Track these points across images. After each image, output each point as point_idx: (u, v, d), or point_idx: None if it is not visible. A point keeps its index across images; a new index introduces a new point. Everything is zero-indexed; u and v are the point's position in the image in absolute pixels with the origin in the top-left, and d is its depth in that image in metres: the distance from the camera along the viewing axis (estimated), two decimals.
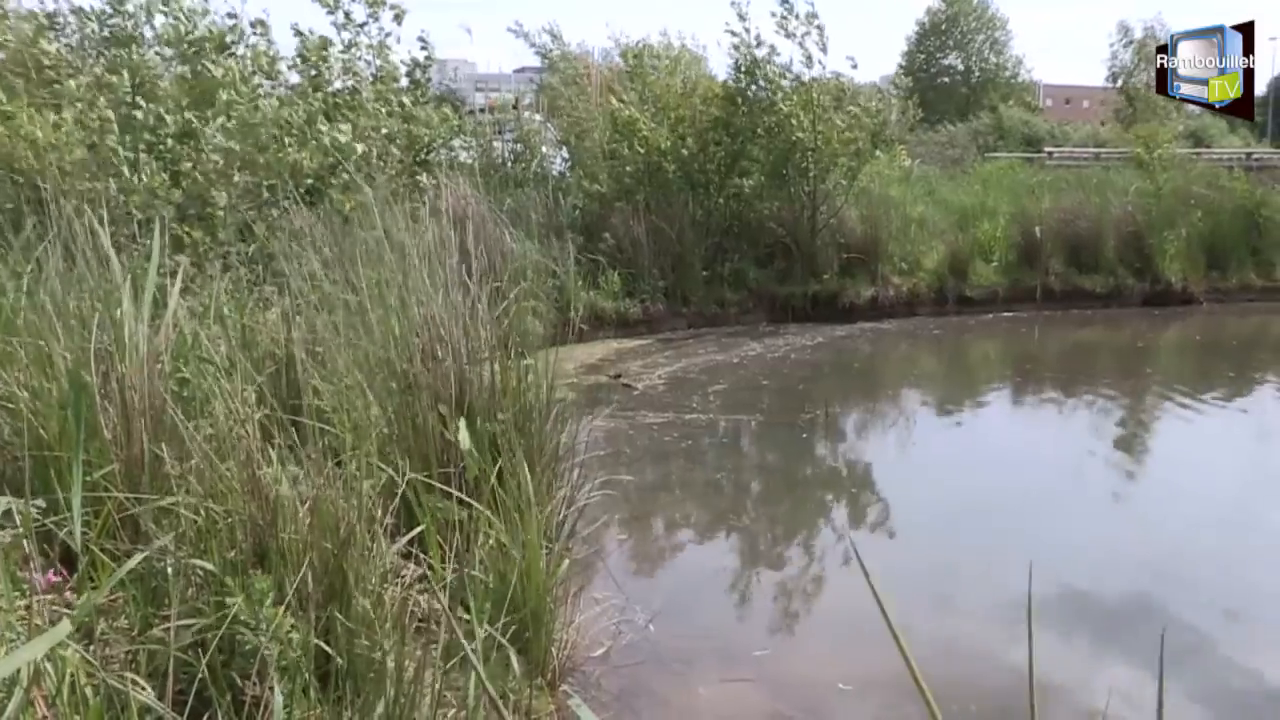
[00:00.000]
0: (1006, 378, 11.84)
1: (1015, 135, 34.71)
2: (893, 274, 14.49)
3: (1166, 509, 7.04)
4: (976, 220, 15.79)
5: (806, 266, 14.01)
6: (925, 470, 8.04)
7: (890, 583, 5.55)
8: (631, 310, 12.69)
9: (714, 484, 7.39)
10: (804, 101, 13.52)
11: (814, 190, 14.07)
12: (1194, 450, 8.67)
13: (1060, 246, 15.47)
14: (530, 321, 10.01)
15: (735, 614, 5.19)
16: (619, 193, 13.77)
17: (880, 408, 10.28)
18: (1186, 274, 15.90)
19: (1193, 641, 4.77)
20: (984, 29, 59.47)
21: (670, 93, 14.26)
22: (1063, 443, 8.84)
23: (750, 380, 10.36)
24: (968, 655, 4.62)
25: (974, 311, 14.58)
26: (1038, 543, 6.15)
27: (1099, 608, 5.20)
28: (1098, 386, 11.12)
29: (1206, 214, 16.34)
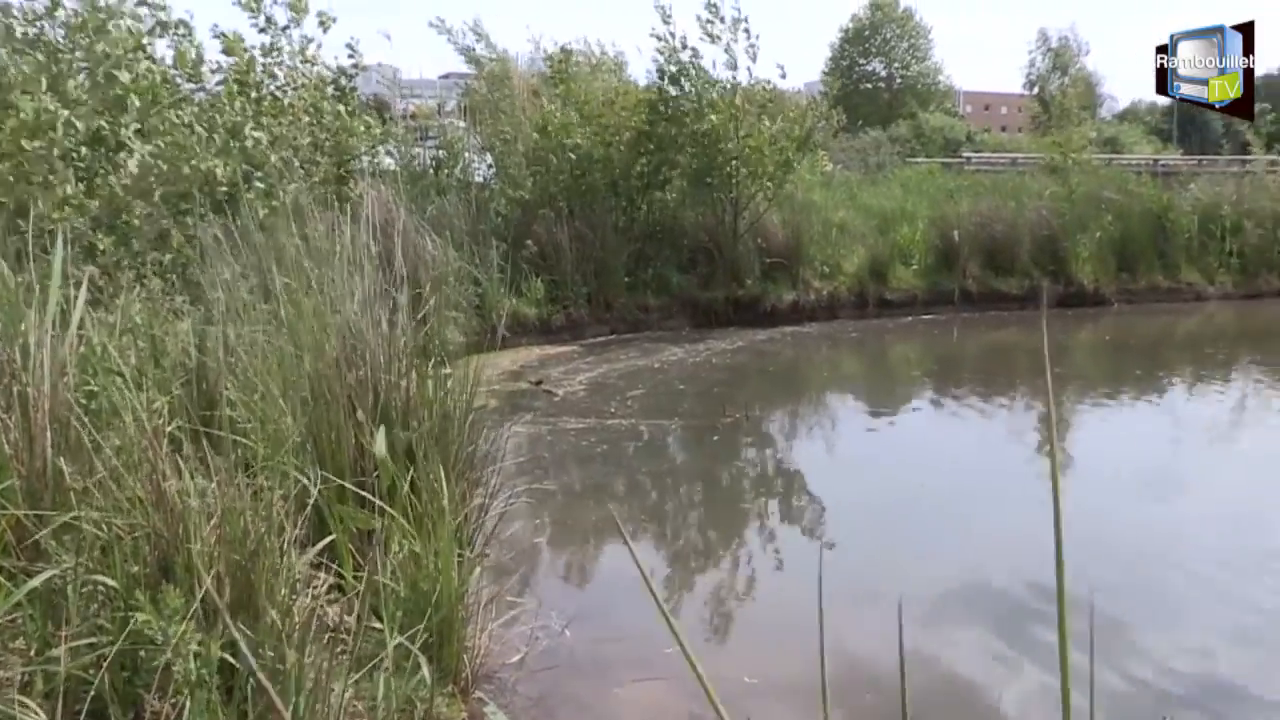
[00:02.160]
0: (927, 379, 12.05)
1: (936, 141, 35.28)
2: (814, 278, 14.69)
3: (1086, 503, 7.23)
4: (896, 225, 16.08)
5: (729, 271, 14.15)
6: (847, 470, 8.20)
7: (811, 581, 5.65)
8: (554, 316, 12.73)
9: (632, 488, 7.45)
10: (730, 111, 13.65)
11: (736, 196, 14.21)
12: (1110, 445, 8.91)
13: (977, 250, 15.80)
14: (451, 329, 10.07)
15: (651, 615, 5.24)
16: (543, 199, 13.77)
17: (801, 410, 10.41)
18: (1098, 276, 16.35)
19: (1110, 633, 4.91)
20: (906, 37, 60.35)
21: (594, 99, 14.31)
22: (983, 441, 9.06)
23: (671, 385, 10.44)
24: (883, 649, 4.70)
25: (894, 314, 14.84)
26: (962, 539, 6.31)
27: (1023, 601, 5.31)
28: (1016, 386, 11.40)
29: (1117, 218, 16.81)
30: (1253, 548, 6.10)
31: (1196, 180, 19.34)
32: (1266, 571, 5.69)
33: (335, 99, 11.35)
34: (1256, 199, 18.10)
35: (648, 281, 13.81)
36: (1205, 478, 7.84)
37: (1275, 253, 17.68)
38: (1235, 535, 6.38)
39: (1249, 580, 5.58)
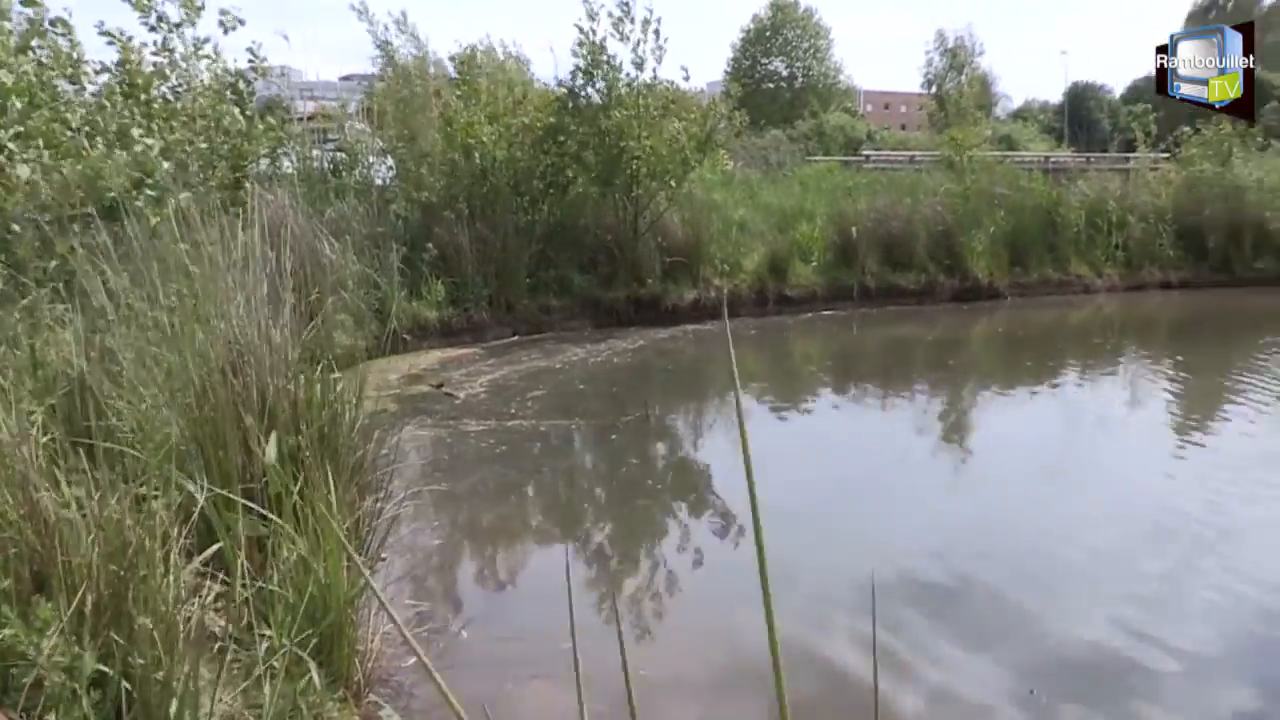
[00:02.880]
0: (828, 374, 12.25)
1: (837, 139, 35.80)
2: (714, 276, 14.83)
3: (983, 490, 7.48)
4: (795, 222, 16.32)
5: (630, 271, 14.23)
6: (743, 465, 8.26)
7: (717, 576, 5.75)
8: (455, 319, 12.67)
9: (529, 488, 7.46)
10: (635, 110, 13.73)
11: (637, 196, 14.30)
12: (1009, 433, 9.22)
13: (875, 246, 16.11)
14: (350, 333, 9.99)
15: (549, 613, 5.27)
16: (445, 201, 13.69)
17: (703, 407, 10.49)
18: (992, 270, 16.80)
19: (1012, 614, 5.06)
20: (807, 37, 61.09)
21: (499, 101, 14.27)
22: (885, 433, 9.25)
23: (572, 385, 10.48)
24: (786, 643, 4.77)
25: (793, 311, 15.06)
26: (869, 529, 6.44)
27: (929, 587, 5.44)
28: (915, 379, 11.67)
29: (1009, 213, 17.30)
30: (1140, 532, 6.32)
31: (1085, 177, 19.97)
32: (1153, 555, 5.88)
33: (234, 102, 11.18)
34: (1139, 195, 18.79)
35: (549, 282, 13.83)
36: (1095, 464, 8.08)
37: (1157, 246, 18.34)
38: (1123, 520, 6.59)
39: (1135, 563, 5.77)
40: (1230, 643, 4.73)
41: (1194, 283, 18.36)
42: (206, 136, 10.34)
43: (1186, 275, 18.44)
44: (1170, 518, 6.52)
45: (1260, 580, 5.38)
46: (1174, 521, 6.43)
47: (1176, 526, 6.33)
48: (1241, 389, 10.42)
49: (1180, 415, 9.86)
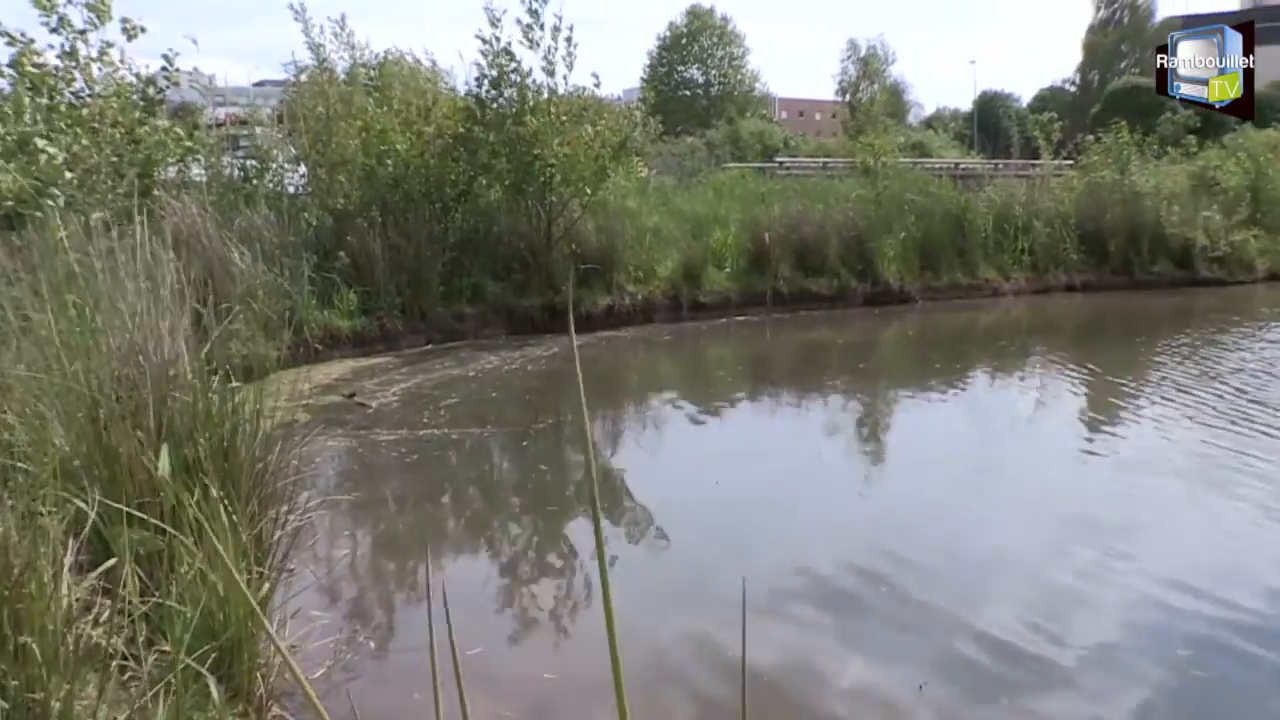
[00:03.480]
0: (743, 378, 12.36)
1: (752, 146, 36.11)
2: (628, 283, 14.88)
3: (899, 490, 7.59)
4: (709, 229, 16.43)
5: (544, 278, 14.21)
6: (662, 470, 8.32)
7: (632, 579, 5.75)
8: (368, 328, 12.54)
9: (441, 497, 7.42)
10: (547, 118, 13.72)
11: (551, 203, 14.30)
12: (920, 434, 9.37)
13: (788, 251, 16.29)
14: (261, 343, 9.83)
15: (459, 622, 5.24)
16: (358, 209, 13.55)
17: (617, 413, 10.51)
18: (903, 274, 17.07)
19: (923, 613, 5.12)
20: (723, 44, 61.57)
21: (411, 108, 14.18)
22: (800, 436, 9.32)
23: (485, 393, 10.44)
24: (701, 644, 4.82)
25: (707, 317, 15.17)
26: (784, 532, 6.48)
27: (842, 587, 5.47)
28: (829, 382, 11.81)
29: (920, 219, 17.61)
30: (1048, 531, 6.43)
31: (993, 183, 20.45)
32: (1061, 554, 5.97)
33: (144, 110, 10.97)
34: (1043, 200, 19.25)
35: (463, 290, 13.74)
36: (1005, 464, 8.26)
37: (1062, 250, 18.82)
38: (1032, 519, 6.72)
39: (1044, 561, 5.85)
40: (1133, 639, 4.82)
41: (1096, 285, 18.87)
42: (114, 144, 10.13)
43: (1089, 278, 18.96)
44: (1077, 516, 6.64)
45: (1165, 579, 5.46)
46: (1081, 520, 6.55)
47: (1084, 525, 6.44)
48: (1145, 388, 10.74)
49: (1087, 415, 10.09)
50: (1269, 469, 7.39)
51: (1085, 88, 58.83)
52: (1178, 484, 7.38)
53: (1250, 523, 6.40)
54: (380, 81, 14.75)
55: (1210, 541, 6.18)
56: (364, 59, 15.54)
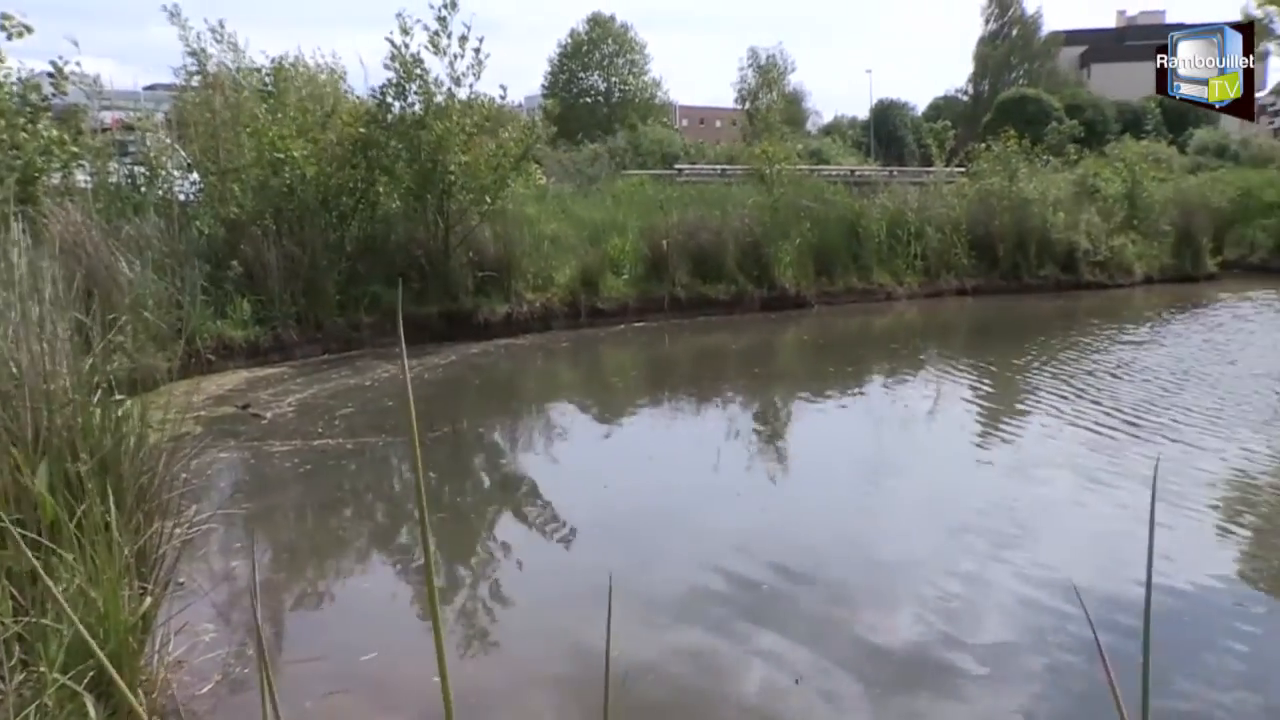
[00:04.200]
0: (642, 384, 12.44)
1: (653, 153, 36.30)
2: (526, 290, 14.89)
3: (798, 494, 7.71)
4: (607, 236, 16.52)
5: (441, 286, 14.14)
6: (561, 476, 8.33)
7: (531, 586, 5.78)
8: (263, 338, 12.35)
9: (332, 507, 7.35)
10: (451, 124, 13.67)
11: (449, 211, 14.25)
12: (819, 438, 9.54)
13: (686, 258, 16.45)
14: (151, 354, 9.65)
15: (351, 630, 5.24)
16: (251, 217, 13.33)
17: (512, 421, 10.53)
18: (799, 280, 17.36)
19: (825, 616, 5.22)
20: (624, 52, 61.79)
21: (309, 115, 14.01)
22: (699, 441, 9.35)
23: (381, 403, 10.36)
24: (596, 647, 4.86)
25: (606, 323, 15.24)
26: (686, 538, 6.53)
27: (745, 591, 5.54)
28: (727, 387, 11.95)
29: (815, 225, 17.90)
30: (945, 532, 6.55)
31: (888, 190, 20.89)
32: (958, 554, 6.10)
33: (28, 116, 10.67)
34: (935, 207, 19.74)
35: (360, 299, 13.59)
36: (902, 466, 8.40)
37: (953, 255, 19.32)
38: (929, 520, 6.84)
39: (941, 563, 5.95)
40: (1026, 638, 4.95)
41: (986, 289, 19.41)
42: None
43: (979, 282, 19.49)
44: (973, 517, 6.78)
45: (1057, 579, 5.60)
46: (977, 520, 6.68)
47: (980, 525, 6.58)
48: (1035, 389, 11.05)
49: (978, 417, 10.31)
50: (1148, 469, 7.64)
51: (977, 97, 60.44)
52: (1065, 485, 7.56)
53: (1135, 521, 6.54)
54: (275, 87, 14.50)
55: (1095, 540, 6.38)
56: (255, 63, 15.25)
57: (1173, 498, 6.85)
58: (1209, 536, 6.37)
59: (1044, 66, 61.84)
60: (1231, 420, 9.20)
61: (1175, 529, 6.34)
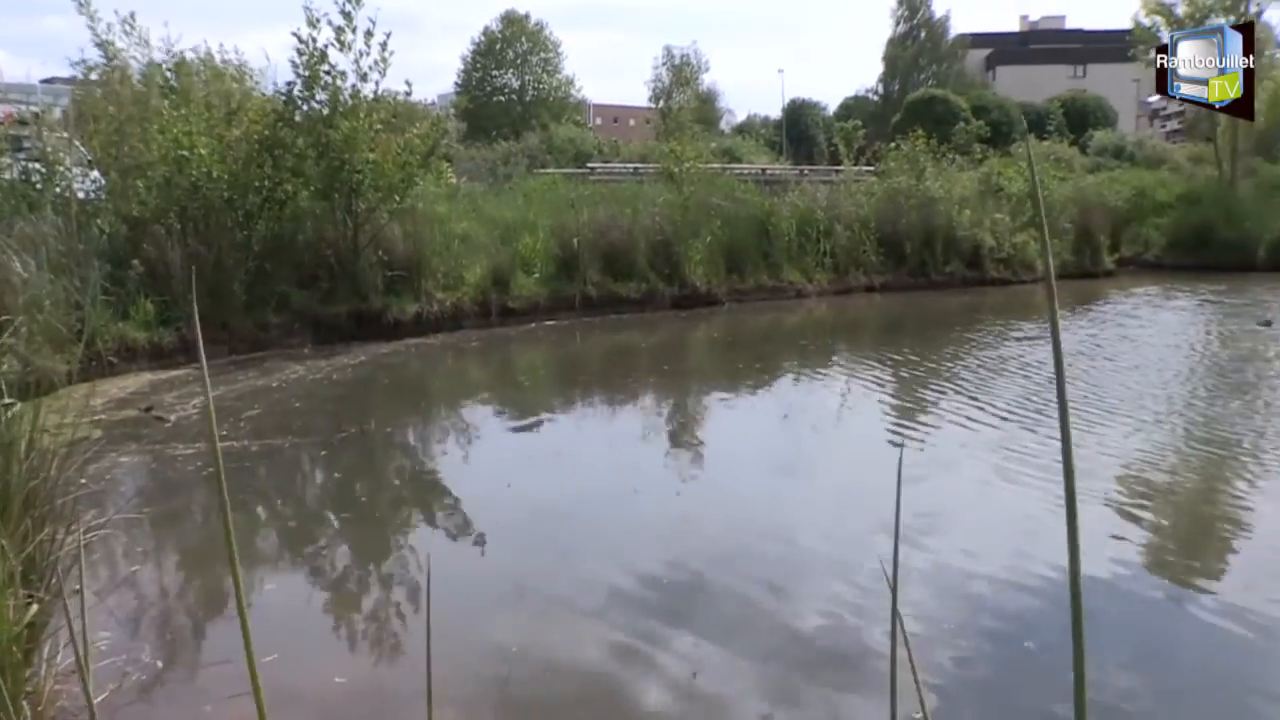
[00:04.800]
0: (553, 383, 12.48)
1: (566, 152, 36.28)
2: (437, 290, 14.81)
3: (713, 490, 7.72)
4: (518, 234, 16.52)
5: (350, 286, 14.02)
6: (473, 476, 8.30)
7: (445, 588, 5.73)
8: (167, 339, 12.13)
9: (236, 510, 7.26)
10: (358, 122, 13.55)
11: (358, 210, 14.12)
12: (732, 435, 9.62)
13: (597, 256, 16.51)
14: (48, 356, 9.44)
15: (256, 635, 5.17)
16: (155, 215, 13.05)
17: (422, 421, 10.48)
18: (710, 278, 17.51)
19: (744, 611, 5.23)
20: (538, 50, 61.57)
21: (214, 111, 13.77)
22: (613, 439, 9.42)
23: (288, 404, 10.25)
24: (515, 647, 4.87)
25: (517, 322, 15.24)
26: (603, 537, 6.53)
27: (664, 590, 5.54)
28: (638, 385, 12.02)
29: (726, 223, 18.08)
30: (860, 525, 6.62)
31: (799, 188, 21.18)
32: (874, 547, 6.11)
33: None
34: (844, 205, 20.05)
35: (267, 299, 13.41)
36: (815, 461, 8.52)
37: (861, 253, 19.66)
38: (843, 514, 6.91)
39: (857, 555, 6.02)
40: (942, 628, 5.00)
41: (894, 286, 19.79)
42: None
43: (888, 279, 19.86)
44: (887, 510, 6.74)
45: (971, 569, 5.73)
46: (890, 514, 6.68)
47: (892, 519, 6.62)
48: (944, 382, 11.29)
49: (888, 410, 10.51)
50: (1055, 460, 7.82)
51: (887, 97, 61.32)
52: (974, 475, 7.71)
53: (1043, 510, 6.67)
54: (179, 82, 14.23)
55: (1007, 528, 6.51)
56: (161, 58, 14.93)
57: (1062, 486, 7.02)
58: (1098, 526, 6.55)
59: (952, 68, 62.95)
60: (1113, 411, 9.45)
61: (1061, 517, 6.50)
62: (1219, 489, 7.37)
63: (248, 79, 16.38)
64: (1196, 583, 5.65)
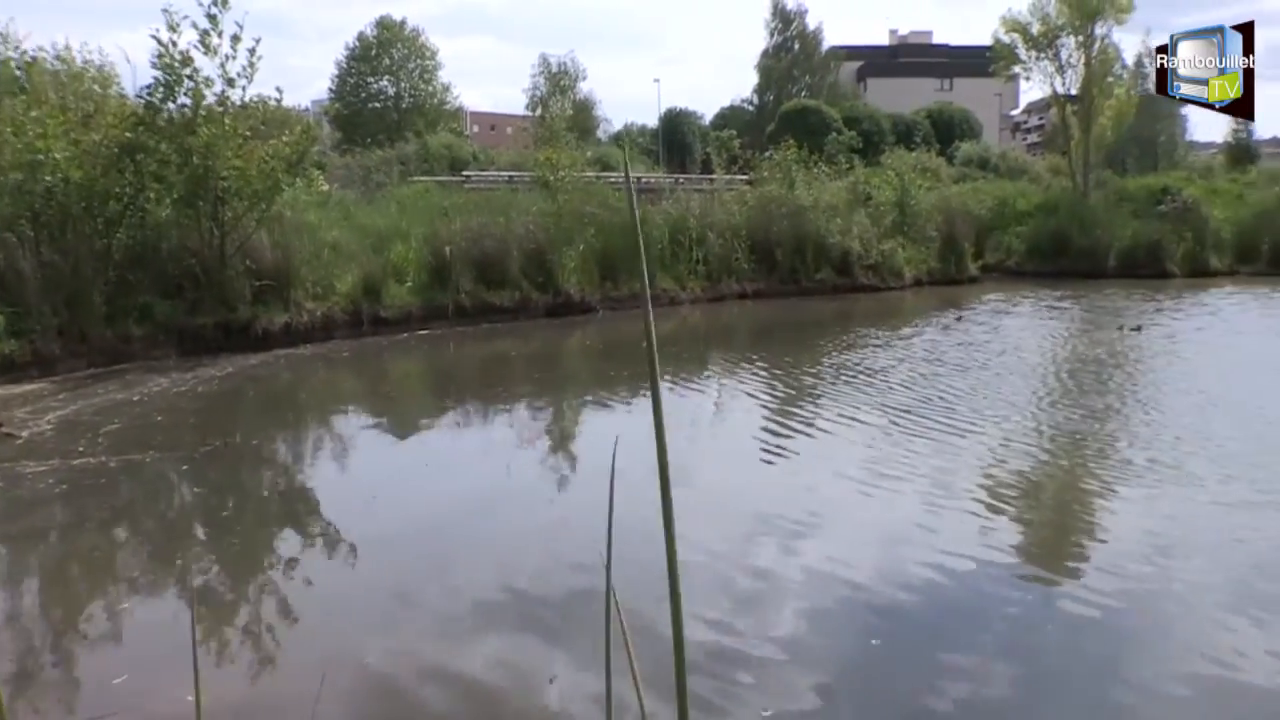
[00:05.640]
0: (426, 392, 12.38)
1: (441, 160, 35.95)
2: (307, 299, 14.57)
3: (590, 499, 7.62)
4: (390, 243, 16.35)
5: (217, 296, 13.71)
6: (346, 487, 8.19)
7: (322, 599, 5.65)
8: (18, 352, 11.68)
9: (86, 527, 7.03)
10: (223, 128, 13.26)
11: (224, 219, 13.82)
12: (608, 441, 9.46)
13: (470, 265, 16.45)
14: None
15: (108, 652, 5.06)
16: (4, 222, 12.52)
17: (289, 433, 10.29)
18: (584, 285, 17.58)
19: (632, 619, 5.26)
20: (414, 57, 60.82)
21: (70, 114, 13.32)
22: (489, 448, 9.34)
23: (149, 417, 9.97)
24: (399, 658, 4.83)
25: (390, 332, 15.09)
26: (482, 547, 6.47)
27: (543, 602, 5.52)
28: (512, 394, 11.98)
29: (599, 231, 18.15)
30: (738, 531, 6.66)
31: (674, 197, 21.41)
32: (751, 552, 6.25)
33: None
34: (716, 213, 20.34)
35: (129, 310, 13.03)
36: (692, 468, 8.43)
37: (734, 260, 19.96)
38: (722, 520, 6.92)
39: (736, 560, 6.10)
40: (817, 630, 5.13)
41: (766, 292, 20.15)
42: None
43: (760, 286, 20.23)
44: (764, 514, 6.95)
45: (840, 571, 5.83)
46: (768, 518, 6.84)
47: (770, 523, 6.73)
48: (814, 388, 11.53)
49: (763, 416, 10.59)
50: (925, 462, 8.09)
51: (762, 108, 62.12)
52: (847, 478, 7.80)
53: (916, 509, 6.91)
54: (30, 82, 13.74)
55: (879, 529, 6.67)
56: (9, 54, 14.43)
57: (936, 485, 7.31)
58: (967, 520, 6.75)
59: (824, 80, 63.99)
60: (981, 411, 9.79)
61: (943, 516, 6.76)
62: (1077, 483, 7.67)
63: (113, 84, 15.94)
64: (1050, 574, 5.89)
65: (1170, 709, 4.34)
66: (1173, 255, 24.75)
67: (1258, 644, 4.75)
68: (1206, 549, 6.08)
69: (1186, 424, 9.18)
